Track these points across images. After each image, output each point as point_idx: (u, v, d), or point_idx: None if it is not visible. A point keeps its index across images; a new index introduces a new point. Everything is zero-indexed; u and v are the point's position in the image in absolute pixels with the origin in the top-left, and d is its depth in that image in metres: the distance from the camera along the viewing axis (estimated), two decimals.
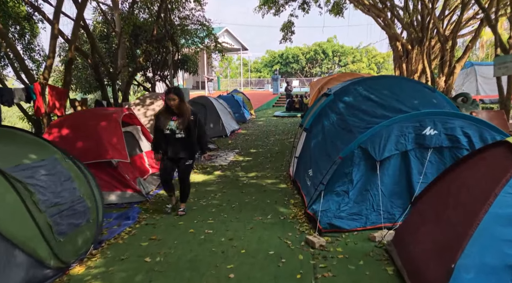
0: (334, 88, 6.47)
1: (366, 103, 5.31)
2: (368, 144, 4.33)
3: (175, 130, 4.83)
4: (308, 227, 4.45)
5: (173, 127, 4.83)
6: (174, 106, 4.77)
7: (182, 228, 4.57)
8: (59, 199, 3.63)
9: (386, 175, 4.33)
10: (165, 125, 4.85)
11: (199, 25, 16.93)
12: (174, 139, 4.86)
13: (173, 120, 4.84)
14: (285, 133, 12.90)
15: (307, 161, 5.80)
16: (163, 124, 4.86)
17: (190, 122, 4.83)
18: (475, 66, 18.10)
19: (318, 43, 48.11)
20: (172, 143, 4.90)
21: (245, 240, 4.17)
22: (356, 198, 4.35)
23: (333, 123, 5.56)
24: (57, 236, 3.44)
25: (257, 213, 5.03)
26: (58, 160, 3.97)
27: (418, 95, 5.30)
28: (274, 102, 26.12)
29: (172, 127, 4.83)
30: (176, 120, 4.83)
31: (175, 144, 4.88)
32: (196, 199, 5.77)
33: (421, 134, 4.26)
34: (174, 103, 4.77)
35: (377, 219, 4.25)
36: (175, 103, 4.77)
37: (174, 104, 4.77)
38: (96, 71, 11.54)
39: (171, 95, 4.77)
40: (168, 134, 4.87)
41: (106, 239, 4.22)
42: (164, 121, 4.86)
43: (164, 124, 4.86)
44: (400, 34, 14.55)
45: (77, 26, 9.47)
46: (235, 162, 8.38)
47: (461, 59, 10.64)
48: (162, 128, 4.88)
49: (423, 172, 4.25)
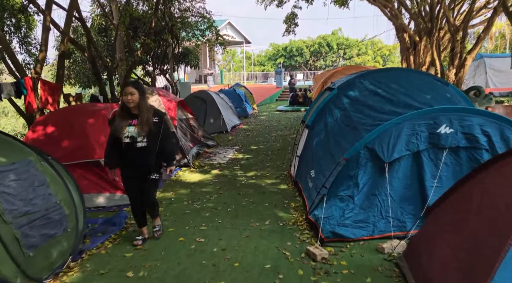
0: (338, 82, 6.04)
1: (373, 98, 4.88)
2: (375, 143, 3.91)
3: (136, 138, 3.70)
4: (309, 235, 4.05)
5: (134, 134, 3.69)
6: (132, 103, 3.67)
7: (171, 236, 4.19)
8: (31, 207, 3.25)
9: (396, 178, 3.90)
10: (123, 132, 3.70)
11: (199, 17, 16.49)
12: (136, 150, 3.72)
13: (133, 125, 3.71)
14: (287, 128, 12.47)
15: (308, 160, 5.39)
16: (120, 130, 3.71)
17: (153, 126, 3.73)
18: (484, 58, 17.55)
19: (323, 36, 47.39)
20: (132, 154, 3.75)
21: (240, 250, 3.77)
22: (362, 203, 3.93)
23: (337, 120, 5.14)
24: (26, 250, 3.06)
25: (254, 218, 4.64)
26: (33, 162, 3.58)
27: (430, 89, 4.86)
28: (278, 96, 25.64)
29: (132, 134, 3.69)
30: (137, 125, 3.71)
31: (137, 155, 3.76)
32: (190, 201, 5.39)
33: (435, 133, 3.83)
34: (133, 99, 3.66)
35: (386, 227, 3.83)
36: (134, 100, 3.66)
37: (132, 101, 3.66)
38: (93, 65, 11.16)
39: (128, 88, 3.67)
40: (128, 144, 3.72)
41: (87, 249, 3.85)
42: (121, 126, 3.71)
43: (120, 130, 3.71)
44: (407, 25, 14.01)
45: (70, 17, 9.09)
46: (234, 160, 7.98)
47: (473, 50, 10.12)
48: (118, 136, 3.73)
49: (438, 175, 3.82)
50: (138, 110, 3.71)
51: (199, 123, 9.53)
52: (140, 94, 3.70)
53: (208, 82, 26.03)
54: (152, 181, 3.91)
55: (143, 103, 3.73)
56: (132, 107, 3.72)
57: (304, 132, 6.11)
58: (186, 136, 8.14)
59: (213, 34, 17.10)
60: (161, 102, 7.74)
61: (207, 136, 9.53)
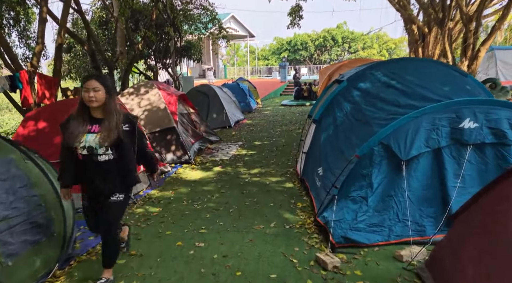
0: (347, 73, 5.66)
1: (386, 90, 4.50)
2: (391, 139, 3.55)
3: (96, 150, 2.77)
4: (318, 239, 3.72)
5: (93, 144, 2.76)
6: (96, 103, 2.73)
7: (169, 240, 3.86)
8: (10, 211, 2.94)
9: (414, 178, 3.55)
10: (79, 141, 2.75)
11: (202, 10, 16.10)
12: (96, 164, 2.80)
13: (93, 133, 2.77)
14: (292, 123, 12.11)
15: (316, 157, 5.04)
16: (74, 138, 2.75)
17: (124, 136, 2.80)
18: (495, 51, 17.08)
19: (327, 30, 46.80)
20: (91, 171, 2.83)
21: (242, 257, 3.44)
22: (377, 205, 3.58)
23: (347, 114, 4.78)
24: (5, 259, 2.76)
25: (258, 220, 4.30)
26: (15, 161, 3.26)
27: (448, 80, 4.47)
28: (282, 91, 25.23)
29: (91, 145, 2.76)
30: (99, 133, 2.76)
31: (97, 172, 2.82)
32: (190, 201, 5.06)
33: (458, 128, 3.46)
34: (96, 97, 2.71)
35: (403, 232, 3.49)
36: (98, 98, 2.72)
37: (96, 100, 2.72)
38: (93, 59, 10.85)
39: (91, 82, 2.72)
40: (86, 157, 2.79)
41: (77, 255, 3.54)
42: (76, 134, 2.75)
43: (75, 138, 2.75)
44: (416, 16, 13.55)
45: (67, 8, 8.75)
46: (237, 156, 7.64)
47: (487, 41, 9.65)
48: (73, 146, 2.78)
49: (461, 174, 3.46)
50: (103, 113, 2.79)
51: (201, 118, 9.19)
52: (107, 93, 2.77)
53: (208, 77, 25.58)
54: (115, 204, 2.87)
55: (110, 104, 2.78)
56: (95, 109, 2.78)
57: (311, 127, 5.75)
58: (187, 131, 7.82)
59: (216, 27, 16.73)
60: (161, 96, 7.41)
61: (210, 131, 9.20)
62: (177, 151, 7.13)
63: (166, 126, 7.11)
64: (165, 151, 7.11)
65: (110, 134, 2.73)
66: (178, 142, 7.11)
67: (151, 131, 7.10)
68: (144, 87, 7.80)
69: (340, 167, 3.89)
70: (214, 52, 24.17)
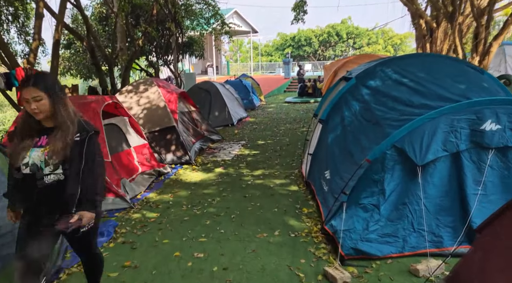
0: (355, 70, 5.37)
1: (398, 88, 4.21)
2: (405, 142, 3.28)
3: (41, 169, 2.18)
4: (326, 250, 3.46)
5: (37, 161, 2.18)
6: (42, 114, 2.17)
7: (165, 250, 3.62)
8: None
9: (431, 184, 3.27)
10: (20, 158, 2.20)
11: (204, 5, 15.80)
12: (43, 186, 2.19)
13: (39, 147, 2.21)
14: (297, 121, 11.82)
15: (322, 159, 4.77)
16: (16, 156, 2.21)
17: (74, 147, 2.21)
18: (504, 46, 16.68)
19: (332, 25, 46.26)
20: (35, 193, 2.21)
21: (244, 270, 3.19)
22: (390, 214, 3.32)
23: (356, 113, 4.49)
24: None
25: (261, 227, 4.05)
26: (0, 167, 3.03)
27: (464, 78, 4.17)
28: (286, 87, 24.92)
29: (35, 162, 2.18)
30: (46, 147, 2.20)
31: (42, 196, 2.22)
32: (190, 205, 4.81)
33: (479, 130, 3.19)
34: (40, 108, 2.14)
35: (419, 243, 3.22)
36: (42, 109, 2.16)
37: (40, 111, 2.16)
38: (93, 55, 10.61)
39: (28, 90, 2.11)
40: (27, 176, 2.20)
41: (66, 267, 3.30)
42: (19, 150, 2.21)
43: (17, 156, 2.21)
44: (424, 11, 13.19)
45: (64, 2, 8.49)
46: (240, 157, 7.38)
47: (499, 36, 9.30)
48: (14, 164, 2.23)
49: (482, 181, 3.18)
50: (54, 121, 2.23)
51: (202, 117, 8.93)
52: (51, 97, 2.16)
53: (208, 74, 25.31)
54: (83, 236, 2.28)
55: (60, 110, 2.19)
56: (44, 119, 2.23)
57: (317, 127, 5.48)
58: (188, 130, 7.56)
59: (219, 22, 16.43)
60: (161, 94, 7.15)
61: (211, 130, 8.94)
62: (177, 151, 6.88)
63: (166, 125, 6.85)
64: (164, 151, 6.86)
65: (60, 146, 2.15)
66: (178, 142, 6.86)
67: (150, 130, 6.85)
68: (143, 84, 7.54)
69: (349, 171, 3.63)
70: (217, 48, 23.86)
